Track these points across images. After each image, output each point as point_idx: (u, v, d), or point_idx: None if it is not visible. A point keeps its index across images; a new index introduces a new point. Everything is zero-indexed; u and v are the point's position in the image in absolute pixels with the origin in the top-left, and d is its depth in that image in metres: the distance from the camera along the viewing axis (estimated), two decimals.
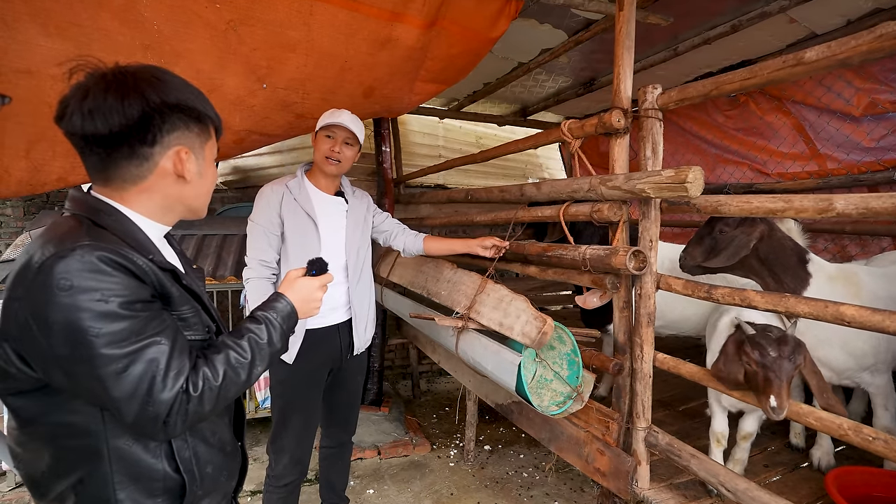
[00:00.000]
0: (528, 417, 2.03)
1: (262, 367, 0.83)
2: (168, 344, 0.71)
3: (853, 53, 0.96)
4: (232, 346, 0.80)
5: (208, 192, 0.88)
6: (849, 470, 1.40)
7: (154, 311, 0.72)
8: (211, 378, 0.74)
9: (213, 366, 0.75)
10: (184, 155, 0.79)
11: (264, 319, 0.86)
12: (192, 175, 0.81)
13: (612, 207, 1.52)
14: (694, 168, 1.20)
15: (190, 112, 0.79)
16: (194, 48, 1.90)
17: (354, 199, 1.87)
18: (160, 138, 0.76)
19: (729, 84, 1.23)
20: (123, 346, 0.66)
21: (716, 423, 1.66)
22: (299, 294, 0.93)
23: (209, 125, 0.83)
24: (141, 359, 0.67)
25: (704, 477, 1.32)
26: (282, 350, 0.88)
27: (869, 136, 2.40)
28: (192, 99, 0.79)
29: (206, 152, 0.84)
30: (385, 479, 2.67)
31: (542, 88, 3.62)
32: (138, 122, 0.73)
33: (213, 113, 0.84)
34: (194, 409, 0.72)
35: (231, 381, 0.77)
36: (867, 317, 0.97)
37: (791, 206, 1.10)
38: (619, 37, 1.51)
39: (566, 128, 1.68)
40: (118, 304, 0.66)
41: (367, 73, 2.31)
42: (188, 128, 0.79)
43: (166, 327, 0.72)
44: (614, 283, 1.55)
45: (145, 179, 0.78)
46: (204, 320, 0.84)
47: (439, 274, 2.28)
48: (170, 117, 0.76)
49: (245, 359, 0.79)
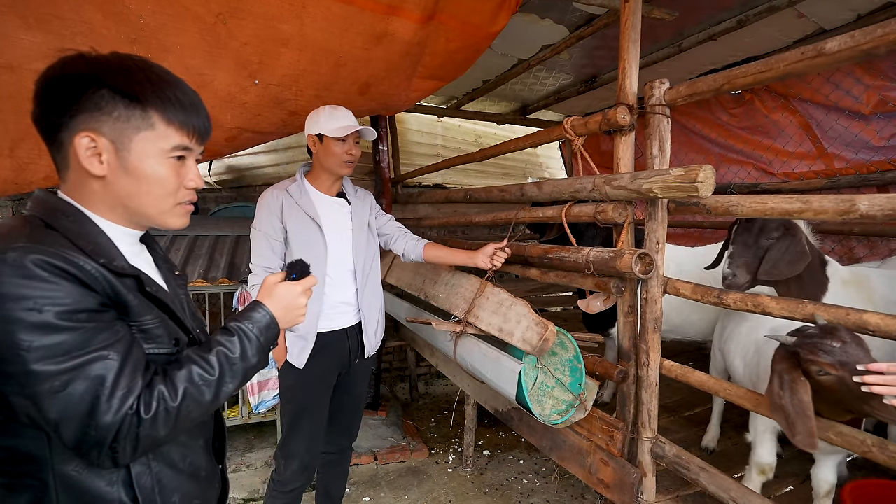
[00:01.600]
0: (528, 425, 1.96)
1: (233, 385, 0.74)
2: (117, 359, 0.63)
3: (880, 43, 0.89)
4: (197, 360, 0.71)
5: (157, 196, 0.73)
6: (864, 483, 1.34)
7: (103, 321, 0.64)
8: (168, 398, 0.65)
9: (171, 384, 0.67)
10: (86, 141, 0.67)
11: (238, 331, 0.77)
12: (103, 168, 0.68)
13: (617, 208, 1.46)
14: (705, 167, 1.14)
15: (113, 91, 0.67)
16: (182, 42, 1.83)
17: (357, 200, 1.81)
18: (66, 120, 0.66)
19: (742, 78, 1.16)
20: (61, 362, 0.59)
21: (762, 453, 1.39)
22: (280, 302, 0.84)
23: (151, 111, 0.69)
24: (82, 376, 0.60)
25: (714, 492, 1.26)
26: (258, 365, 0.79)
27: (879, 134, 2.34)
28: (119, 77, 0.67)
29: (143, 146, 0.70)
30: (382, 486, 2.60)
31: (543, 86, 3.55)
32: (41, 96, 0.67)
33: (163, 97, 0.70)
34: (147, 433, 0.63)
35: (193, 401, 0.68)
36: (892, 324, 0.91)
37: (810, 206, 1.03)
38: (624, 29, 1.45)
39: (569, 125, 1.61)
40: (55, 315, 0.58)
41: (362, 69, 2.24)
42: (101, 110, 0.67)
43: (117, 340, 0.64)
44: (619, 287, 1.48)
45: (68, 171, 0.70)
46: (171, 331, 0.75)
47: (437, 276, 2.21)
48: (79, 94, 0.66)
49: (211, 375, 0.71)
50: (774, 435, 1.41)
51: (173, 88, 0.72)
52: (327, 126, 1.62)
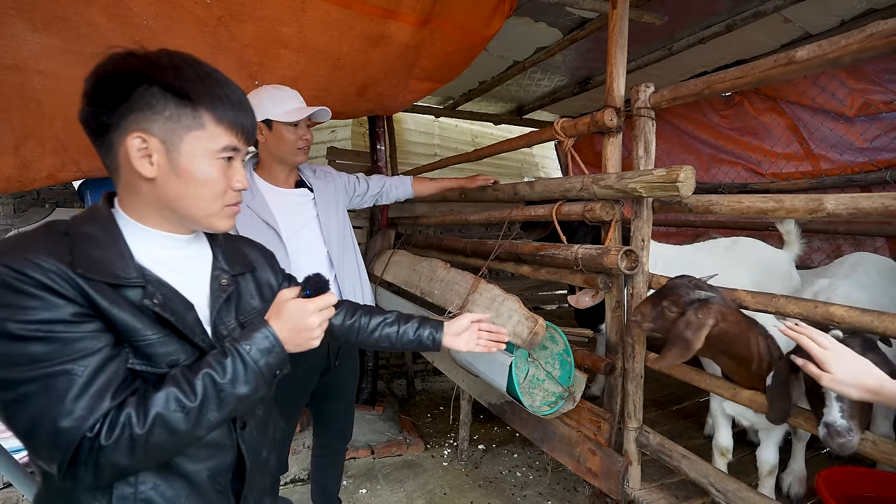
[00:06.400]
0: (520, 417, 2.02)
1: (218, 414, 0.65)
2: (83, 375, 0.58)
3: (844, 53, 0.95)
4: (179, 382, 0.63)
5: (206, 198, 0.70)
6: (839, 470, 1.40)
7: (78, 332, 0.59)
8: (134, 424, 0.59)
9: (143, 408, 0.60)
10: (137, 142, 0.65)
11: (232, 352, 0.68)
12: (153, 170, 0.67)
13: (605, 207, 1.51)
14: (685, 167, 1.20)
15: (163, 88, 0.64)
16: (184, 44, 1.88)
17: (319, 181, 1.69)
18: (117, 120, 0.65)
19: (721, 83, 1.22)
20: (19, 372, 0.56)
21: (720, 437, 1.53)
22: (287, 322, 0.73)
23: (201, 111, 0.67)
24: (41, 390, 0.56)
25: (695, 477, 1.32)
26: (252, 394, 0.69)
27: (862, 136, 2.40)
28: (170, 73, 0.65)
29: (193, 146, 0.68)
30: (378, 479, 2.66)
31: (538, 87, 3.61)
32: (92, 94, 0.65)
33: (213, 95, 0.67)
34: (106, 460, 0.58)
35: (164, 430, 0.61)
36: (856, 317, 0.97)
37: (782, 205, 1.09)
38: (612, 35, 1.50)
39: (559, 126, 1.67)
40: (14, 323, 0.55)
41: (360, 71, 2.29)
42: (152, 108, 0.65)
43: (89, 354, 0.59)
44: (606, 283, 1.54)
45: (119, 174, 0.69)
46: (170, 351, 0.67)
47: (433, 273, 2.27)
48: (130, 92, 0.64)
49: (191, 402, 0.62)
50: (730, 421, 1.53)
51: (223, 86, 0.70)
52: (275, 110, 1.45)
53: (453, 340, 1.12)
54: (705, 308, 1.17)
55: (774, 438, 1.43)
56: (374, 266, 2.89)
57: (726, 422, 1.53)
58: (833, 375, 0.84)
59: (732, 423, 1.53)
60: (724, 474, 1.27)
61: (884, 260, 1.81)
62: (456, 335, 1.12)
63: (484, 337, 1.15)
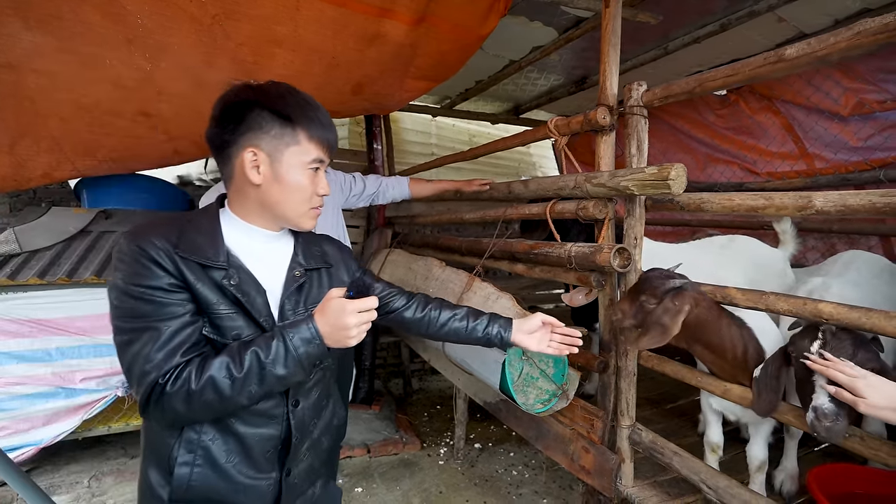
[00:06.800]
0: (515, 416, 2.02)
1: (258, 388, 0.76)
2: (164, 333, 0.73)
3: (832, 50, 0.96)
4: (234, 354, 0.75)
5: (297, 202, 0.85)
6: (830, 468, 1.40)
7: (170, 299, 0.75)
8: (192, 380, 0.72)
9: (201, 369, 0.73)
10: (250, 156, 0.81)
11: (279, 337, 0.78)
12: (260, 178, 0.82)
13: (598, 205, 1.52)
14: (676, 165, 1.20)
15: (271, 112, 0.80)
16: (179, 43, 1.88)
17: None
18: (236, 138, 0.80)
19: (712, 81, 1.23)
20: (127, 321, 0.73)
21: (711, 433, 1.55)
22: (328, 318, 0.79)
23: (298, 130, 0.82)
24: (137, 339, 0.73)
25: (686, 474, 1.32)
26: (288, 377, 0.78)
27: (856, 135, 2.41)
28: (277, 100, 0.81)
29: (291, 158, 0.83)
30: (374, 478, 2.66)
31: (535, 86, 3.61)
32: (219, 118, 0.81)
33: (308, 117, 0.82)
34: (169, 404, 0.72)
35: (213, 391, 0.73)
36: (844, 314, 0.97)
37: (772, 203, 1.10)
38: (605, 34, 1.51)
39: (553, 125, 1.67)
40: (129, 284, 0.73)
41: (356, 70, 2.30)
42: (262, 128, 0.80)
43: (173, 317, 0.74)
44: (599, 281, 1.54)
45: (232, 181, 0.85)
46: (236, 326, 0.80)
47: (428, 272, 2.27)
48: (246, 115, 0.79)
49: (237, 374, 0.74)
50: (720, 417, 1.55)
51: (315, 110, 0.85)
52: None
53: (525, 339, 1.12)
54: (681, 294, 1.20)
55: (763, 434, 1.44)
56: (370, 265, 2.89)
57: (716, 418, 1.54)
58: (868, 400, 0.85)
59: (725, 420, 1.54)
60: (714, 471, 1.27)
61: (876, 258, 1.82)
62: (527, 334, 1.13)
63: (557, 339, 1.13)
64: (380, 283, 1.11)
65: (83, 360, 2.27)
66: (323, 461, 1.02)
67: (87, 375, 2.27)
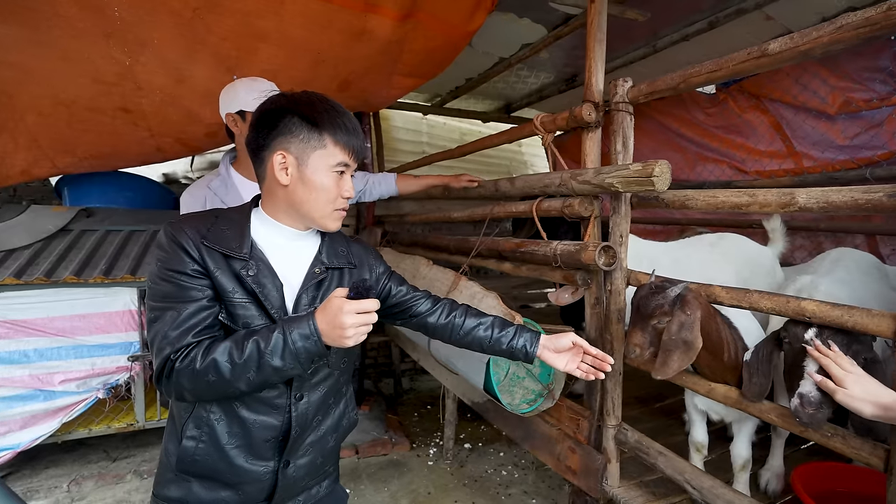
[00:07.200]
0: (503, 416, 2.00)
1: (255, 376, 0.79)
2: (181, 315, 0.79)
3: (815, 45, 0.95)
4: (238, 340, 0.80)
5: (322, 202, 0.89)
6: (815, 466, 1.40)
7: (192, 284, 0.81)
8: (197, 360, 0.77)
9: (208, 351, 0.78)
10: (279, 158, 0.86)
11: (280, 329, 0.80)
12: (288, 179, 0.86)
13: (583, 202, 1.50)
14: (660, 162, 1.19)
15: (301, 118, 0.85)
16: (159, 37, 1.84)
17: None
18: (269, 142, 0.86)
19: (696, 77, 1.22)
20: (156, 301, 0.81)
21: (695, 432, 1.54)
22: (326, 316, 0.80)
23: (325, 135, 0.86)
24: (161, 318, 0.80)
25: (671, 474, 1.31)
26: (284, 370, 0.80)
27: (843, 134, 2.42)
28: (306, 107, 0.86)
29: (317, 161, 0.87)
30: (362, 479, 2.63)
31: (525, 84, 3.60)
32: (256, 124, 0.88)
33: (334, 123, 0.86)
34: (177, 379, 0.78)
35: (214, 372, 0.78)
36: (827, 312, 0.96)
37: (755, 200, 1.09)
38: (590, 29, 1.49)
39: (538, 121, 1.66)
40: (161, 268, 0.81)
41: (342, 66, 2.27)
42: (292, 132, 0.85)
43: (192, 301, 0.81)
44: (585, 280, 1.53)
45: (264, 181, 0.91)
46: (248, 315, 0.85)
47: (416, 270, 2.25)
48: (279, 122, 0.85)
49: (238, 359, 0.78)
50: (704, 416, 1.53)
51: (341, 117, 0.88)
52: (251, 100, 1.39)
53: (552, 357, 1.08)
54: (687, 303, 1.15)
55: (746, 432, 1.43)
56: None
57: (700, 417, 1.53)
58: (848, 391, 0.86)
59: (711, 419, 1.53)
60: (699, 471, 1.26)
61: (864, 255, 1.82)
62: (556, 353, 1.08)
63: (588, 361, 1.07)
64: (404, 287, 1.11)
65: (62, 362, 2.22)
66: (329, 460, 1.03)
67: (66, 377, 2.22)
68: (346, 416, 1.04)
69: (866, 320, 0.90)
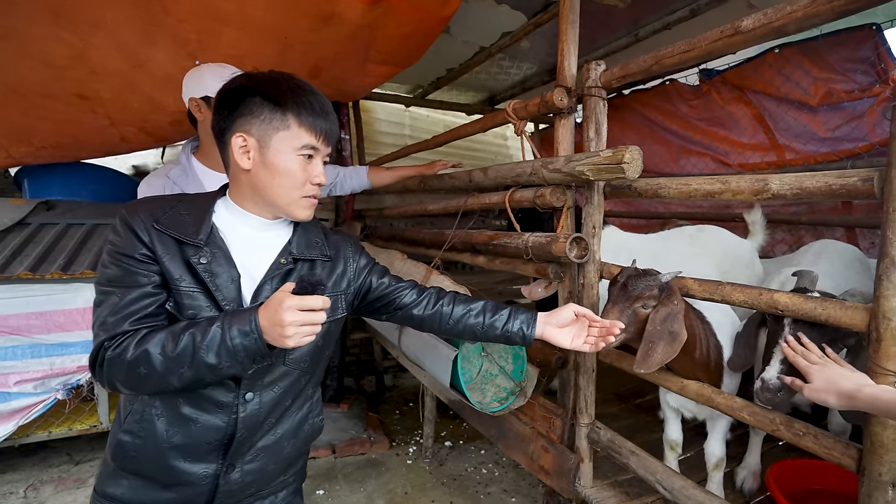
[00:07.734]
0: (477, 414, 1.94)
1: (189, 371, 0.72)
2: (120, 301, 0.75)
3: (789, 20, 0.89)
4: (173, 332, 0.74)
5: (287, 188, 0.83)
6: (789, 464, 1.36)
7: (138, 269, 0.76)
8: (129, 349, 0.73)
9: (142, 341, 0.73)
10: (240, 140, 0.81)
11: (219, 324, 0.73)
12: (250, 163, 0.81)
13: (555, 192, 1.44)
14: (631, 148, 1.13)
15: (263, 97, 0.79)
16: (113, 17, 1.73)
17: None
18: (230, 124, 0.81)
19: (669, 58, 1.16)
20: (102, 284, 0.77)
21: (669, 430, 1.51)
22: (267, 311, 0.73)
23: (288, 115, 0.80)
24: (104, 302, 0.76)
25: (643, 474, 1.26)
26: (222, 368, 0.73)
27: (825, 125, 2.39)
28: (268, 86, 0.80)
29: (279, 143, 0.81)
30: (338, 479, 2.56)
31: (508, 76, 3.53)
32: (217, 106, 0.83)
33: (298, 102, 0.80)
34: (108, 369, 0.74)
35: (145, 363, 0.72)
36: (800, 304, 0.91)
37: (728, 187, 1.03)
38: (563, 11, 1.42)
39: (511, 108, 1.59)
40: (111, 251, 0.78)
41: (311, 52, 2.17)
42: (253, 113, 0.80)
43: (136, 286, 0.76)
44: (558, 273, 1.47)
45: (229, 167, 0.86)
46: (194, 305, 0.79)
47: (390, 264, 2.18)
48: (240, 102, 0.80)
49: (170, 353, 0.72)
50: (678, 414, 1.49)
51: (308, 95, 0.82)
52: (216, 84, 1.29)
53: (556, 334, 0.99)
54: (673, 293, 1.10)
55: (720, 430, 1.39)
56: None
57: (674, 415, 1.49)
58: (812, 384, 0.81)
59: (687, 417, 1.49)
60: (670, 471, 1.21)
61: (847, 247, 1.79)
62: (559, 328, 1.00)
63: (594, 333, 0.98)
64: (386, 279, 1.03)
65: (18, 362, 2.11)
66: (284, 468, 0.95)
67: (22, 378, 2.11)
68: (309, 420, 0.96)
69: (839, 313, 0.85)
